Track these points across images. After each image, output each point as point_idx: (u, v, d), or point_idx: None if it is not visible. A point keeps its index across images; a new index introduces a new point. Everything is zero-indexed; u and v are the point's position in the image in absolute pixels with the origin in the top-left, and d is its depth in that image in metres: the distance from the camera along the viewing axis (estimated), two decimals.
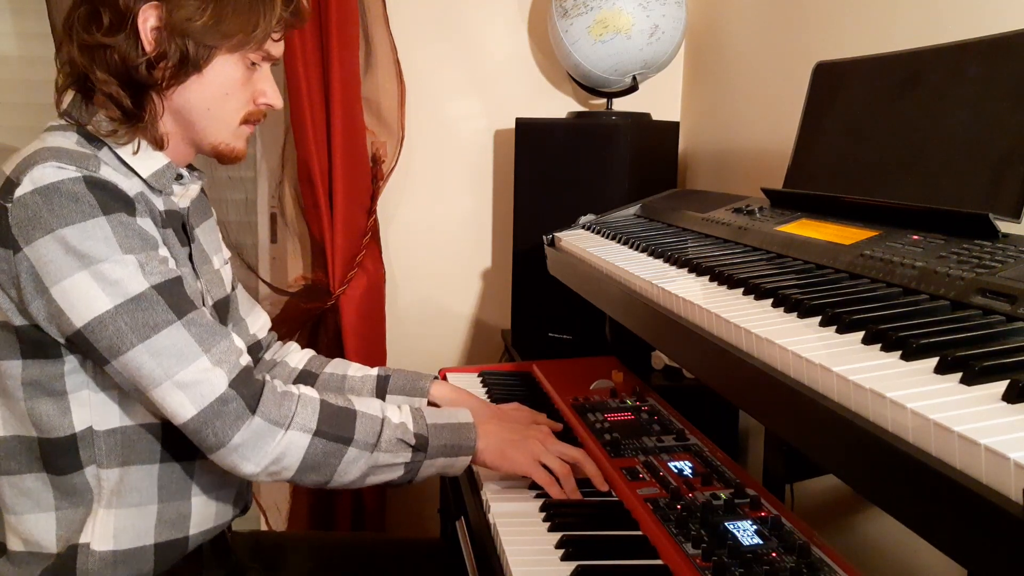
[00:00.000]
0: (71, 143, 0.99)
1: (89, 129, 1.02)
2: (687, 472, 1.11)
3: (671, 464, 1.14)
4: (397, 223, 2.17)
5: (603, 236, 1.42)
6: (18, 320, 0.97)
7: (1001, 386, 0.53)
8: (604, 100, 2.03)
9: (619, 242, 1.32)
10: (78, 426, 1.01)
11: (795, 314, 0.77)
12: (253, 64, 1.07)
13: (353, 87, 1.93)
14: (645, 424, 1.29)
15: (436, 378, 1.34)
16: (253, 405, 0.97)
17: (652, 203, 1.58)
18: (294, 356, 1.36)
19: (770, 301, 0.82)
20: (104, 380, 1.01)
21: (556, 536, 0.96)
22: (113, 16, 0.99)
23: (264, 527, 2.14)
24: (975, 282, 0.71)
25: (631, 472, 1.11)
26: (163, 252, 1.00)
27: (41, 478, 1.03)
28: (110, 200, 0.95)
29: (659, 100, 2.13)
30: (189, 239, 1.14)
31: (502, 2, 2.14)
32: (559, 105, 2.17)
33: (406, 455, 1.05)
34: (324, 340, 2.03)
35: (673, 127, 2.01)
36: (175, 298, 0.97)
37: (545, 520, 1.01)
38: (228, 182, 2.07)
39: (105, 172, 0.97)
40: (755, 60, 1.80)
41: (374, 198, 2.01)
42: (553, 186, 1.89)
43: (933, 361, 0.59)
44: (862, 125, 1.09)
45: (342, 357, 1.43)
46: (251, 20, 1.03)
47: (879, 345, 0.65)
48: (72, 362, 0.99)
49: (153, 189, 1.06)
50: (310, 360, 1.35)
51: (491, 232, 2.23)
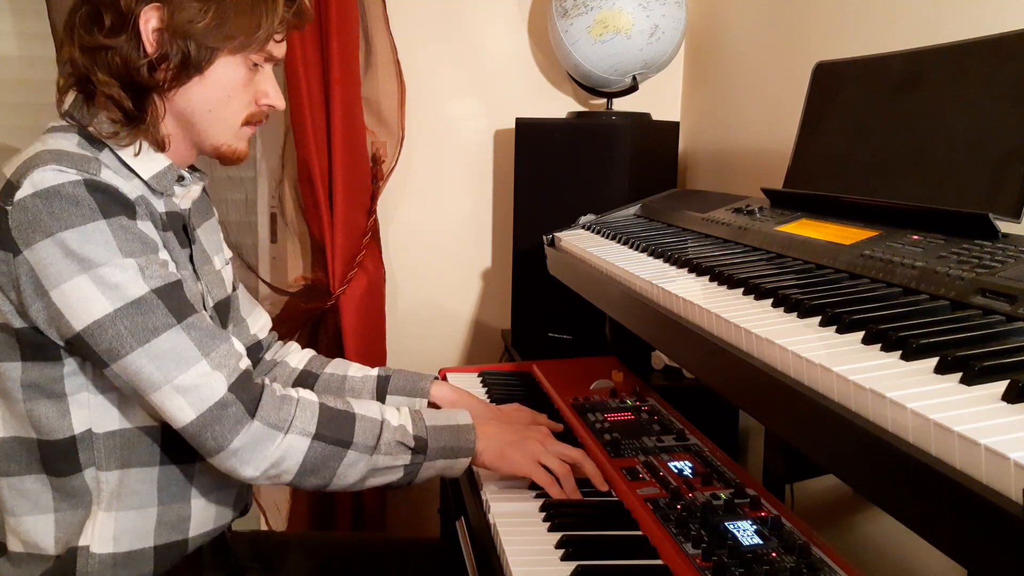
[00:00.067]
0: (72, 145, 0.99)
1: (90, 131, 1.01)
2: (687, 472, 1.11)
3: (671, 464, 1.14)
4: (397, 223, 2.17)
5: (603, 236, 1.42)
6: (18, 323, 0.97)
7: (1001, 386, 0.53)
8: (604, 100, 2.03)
9: (619, 242, 1.32)
10: (77, 428, 1.01)
11: (795, 314, 0.77)
12: (255, 65, 1.06)
13: (353, 87, 1.93)
14: (645, 424, 1.29)
15: (436, 378, 1.34)
16: (252, 409, 0.97)
17: (652, 203, 1.58)
18: (294, 356, 1.36)
19: (770, 301, 0.82)
20: (104, 383, 1.00)
21: (556, 536, 0.96)
22: (114, 17, 0.98)
23: (264, 527, 2.14)
24: (975, 282, 0.71)
25: (631, 472, 1.11)
26: (163, 255, 1.00)
27: (41, 480, 1.03)
28: (110, 203, 0.95)
29: (659, 100, 2.13)
30: (190, 240, 1.13)
31: (502, 2, 2.14)
32: (559, 105, 2.17)
33: (405, 457, 1.05)
34: (324, 340, 2.03)
35: (673, 127, 2.01)
36: (175, 302, 0.97)
37: (545, 520, 1.01)
38: (228, 182, 2.07)
39: (106, 175, 0.97)
40: (755, 60, 1.80)
41: (374, 198, 2.01)
42: (553, 186, 1.89)
43: (933, 361, 0.59)
44: (862, 125, 1.09)
45: (342, 357, 1.43)
46: (253, 21, 1.02)
47: (879, 345, 0.65)
48: (72, 364, 0.99)
49: (154, 191, 1.06)
50: (310, 360, 1.35)
51: (491, 232, 2.23)
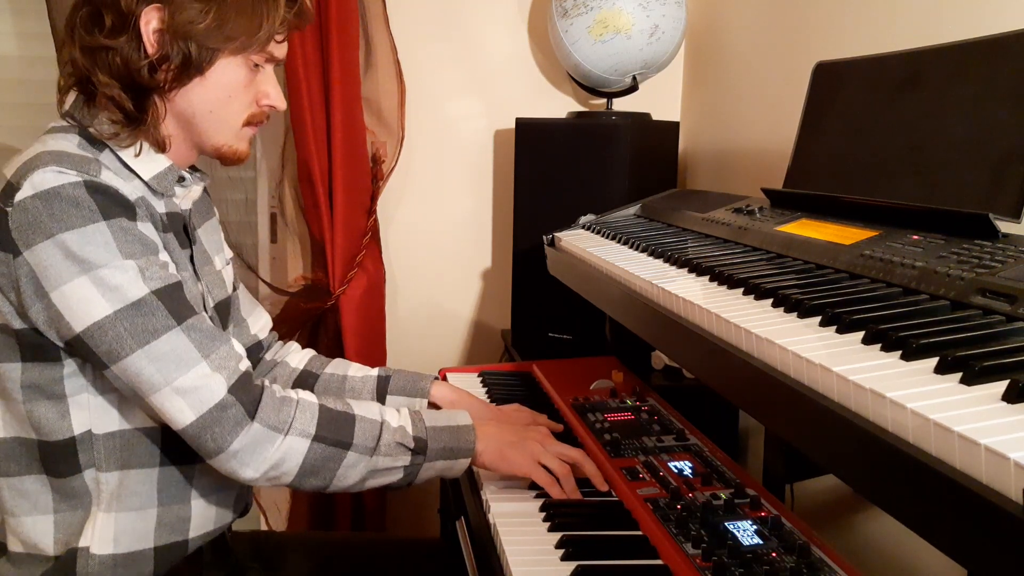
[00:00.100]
0: (72, 146, 0.99)
1: (91, 131, 1.01)
2: (687, 472, 1.11)
3: (671, 464, 1.14)
4: (397, 223, 2.17)
5: (603, 236, 1.42)
6: (17, 324, 0.97)
7: (1001, 386, 0.53)
8: (604, 100, 2.03)
9: (619, 242, 1.32)
10: (77, 429, 1.01)
11: (795, 314, 0.77)
12: (256, 66, 1.06)
13: (353, 87, 1.93)
14: (645, 424, 1.29)
15: (436, 379, 1.34)
16: (252, 411, 0.97)
17: (652, 203, 1.58)
18: (294, 356, 1.36)
19: (770, 301, 0.82)
20: (103, 384, 1.00)
21: (556, 536, 0.96)
22: (115, 18, 0.98)
23: (264, 527, 2.14)
24: (975, 282, 0.71)
25: (631, 472, 1.11)
26: (163, 257, 1.00)
27: (40, 480, 1.03)
28: (111, 205, 0.95)
29: (659, 100, 2.12)
30: (191, 241, 1.13)
31: (502, 2, 2.14)
32: (559, 105, 2.17)
33: (405, 458, 1.05)
34: (324, 340, 2.03)
35: (673, 127, 2.01)
36: (175, 303, 0.97)
37: (545, 520, 1.01)
38: (228, 182, 2.07)
39: (106, 176, 0.97)
40: (755, 60, 1.80)
41: (374, 198, 2.01)
42: (553, 186, 1.89)
43: (933, 361, 0.59)
44: (862, 125, 1.09)
45: (342, 357, 1.43)
46: (254, 22, 1.01)
47: (879, 345, 0.65)
48: (71, 366, 0.99)
49: (155, 191, 1.06)
50: (310, 360, 1.35)
51: (491, 232, 2.23)
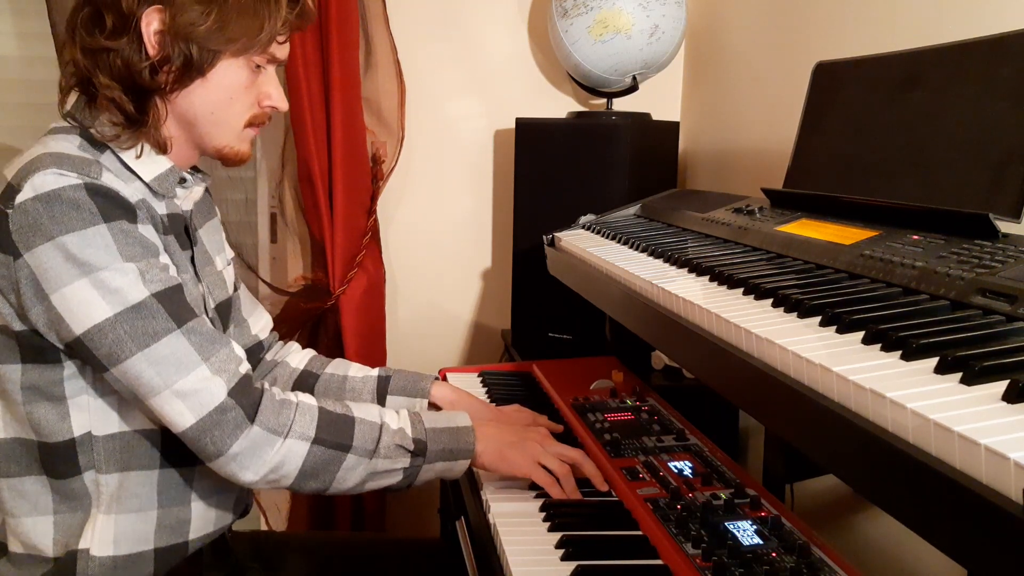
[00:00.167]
0: (73, 147, 0.99)
1: (92, 132, 1.01)
2: (687, 472, 1.11)
3: (671, 464, 1.14)
4: (397, 223, 2.17)
5: (603, 236, 1.42)
6: (17, 325, 0.97)
7: (1001, 386, 0.53)
8: (604, 100, 2.03)
9: (619, 242, 1.32)
10: (77, 431, 1.01)
11: (795, 314, 0.77)
12: (258, 67, 1.06)
13: (353, 87, 1.93)
14: (645, 424, 1.29)
15: (437, 379, 1.34)
16: (252, 414, 0.97)
17: (652, 203, 1.58)
18: (295, 356, 1.36)
19: (770, 301, 0.82)
20: (103, 386, 1.00)
21: (556, 536, 0.96)
22: (116, 19, 0.98)
23: (264, 527, 2.14)
24: (975, 282, 0.71)
25: (631, 472, 1.11)
26: (164, 259, 0.99)
27: (40, 481, 1.03)
28: (111, 207, 0.95)
29: (659, 100, 2.13)
30: (191, 242, 1.13)
31: (502, 2, 2.14)
32: (559, 105, 2.17)
33: (405, 460, 1.05)
34: (324, 340, 2.03)
35: (673, 127, 2.01)
36: (175, 306, 0.97)
37: (545, 520, 1.01)
38: (228, 182, 2.07)
39: (107, 178, 0.96)
40: (755, 60, 1.80)
41: (374, 198, 2.01)
42: (553, 186, 1.89)
43: (933, 361, 0.59)
44: (862, 125, 1.09)
45: (342, 357, 1.43)
46: (256, 23, 1.01)
47: (879, 345, 0.65)
48: (71, 367, 0.99)
49: (156, 193, 1.05)
50: (311, 360, 1.35)
51: (491, 232, 2.23)
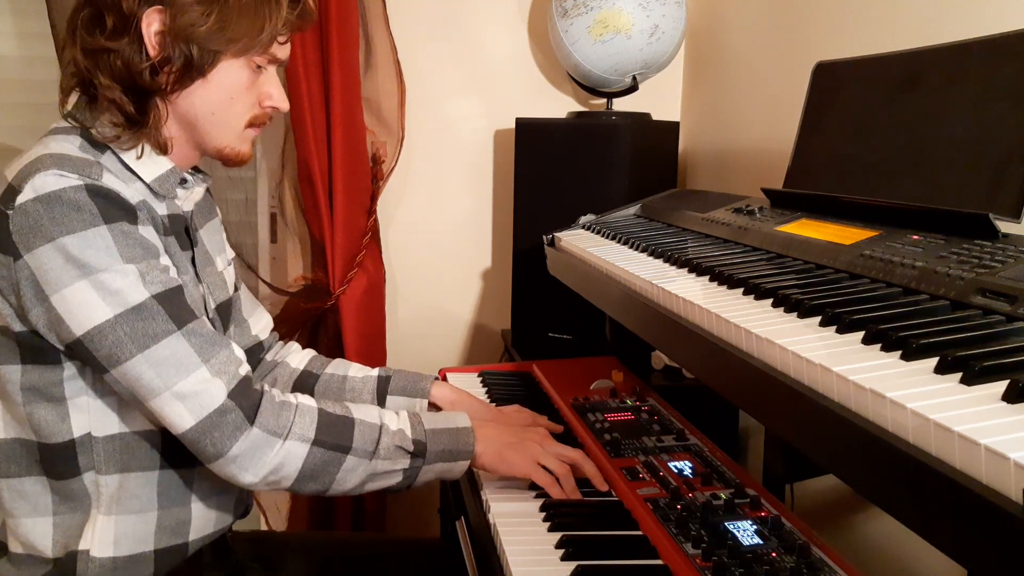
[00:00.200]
0: (74, 148, 0.99)
1: (93, 133, 1.01)
2: (687, 472, 1.11)
3: (671, 464, 1.14)
4: (397, 223, 2.17)
5: (603, 236, 1.42)
6: (17, 326, 0.97)
7: (1001, 386, 0.53)
8: (604, 100, 2.03)
9: (619, 242, 1.32)
10: (77, 432, 1.01)
11: (795, 314, 0.77)
12: (258, 67, 1.06)
13: (353, 87, 1.93)
14: (645, 424, 1.29)
15: (437, 379, 1.34)
16: (251, 416, 0.97)
17: (652, 203, 1.58)
18: (295, 356, 1.35)
19: (770, 301, 0.82)
20: (103, 387, 1.00)
21: (556, 536, 0.96)
22: (117, 20, 0.97)
23: (264, 527, 2.14)
24: (975, 282, 0.71)
25: (631, 472, 1.11)
26: (164, 261, 0.99)
27: (40, 482, 1.03)
28: (112, 209, 0.94)
29: (659, 100, 2.13)
30: (192, 242, 1.13)
31: (502, 2, 2.14)
32: (559, 105, 2.17)
33: (404, 461, 1.05)
34: (324, 340, 2.03)
35: (673, 127, 2.01)
36: (175, 308, 0.96)
37: (545, 520, 1.01)
38: (228, 182, 2.07)
39: (107, 179, 0.96)
40: (755, 60, 1.80)
41: (374, 198, 2.01)
42: (553, 186, 1.89)
43: (933, 361, 0.59)
44: (862, 125, 1.09)
45: (342, 357, 1.43)
46: (256, 24, 1.01)
47: (879, 345, 0.65)
48: (71, 368, 0.99)
49: (156, 193, 1.05)
50: (311, 360, 1.35)
51: (491, 232, 2.23)
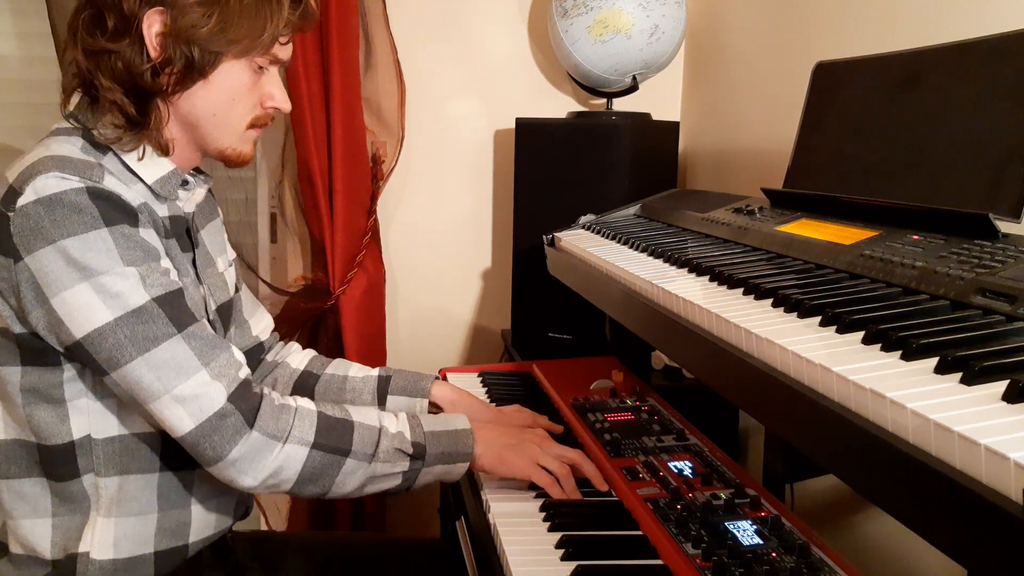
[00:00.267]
0: (76, 150, 0.98)
1: (95, 134, 1.01)
2: (687, 472, 1.11)
3: (671, 464, 1.14)
4: (397, 223, 2.17)
5: (603, 236, 1.42)
6: (17, 328, 0.97)
7: (1001, 386, 0.53)
8: (604, 100, 2.03)
9: (619, 242, 1.32)
10: (76, 434, 1.01)
11: (795, 314, 0.77)
12: (260, 68, 1.05)
13: (353, 87, 1.93)
14: (645, 424, 1.29)
15: (437, 378, 1.34)
16: (251, 419, 0.97)
17: (652, 203, 1.58)
18: (295, 357, 1.35)
19: (770, 301, 0.82)
20: (103, 389, 1.00)
21: (556, 536, 0.96)
22: (117, 21, 0.97)
23: (264, 527, 2.14)
24: (975, 282, 0.71)
25: (631, 472, 1.11)
26: (165, 264, 0.99)
27: (40, 483, 1.02)
28: (113, 211, 0.94)
29: (659, 100, 2.13)
30: (193, 243, 1.13)
31: (502, 2, 2.14)
32: (559, 105, 2.17)
33: (404, 464, 1.05)
34: (324, 340, 2.03)
35: (673, 127, 2.01)
36: (176, 311, 0.96)
37: (545, 520, 1.01)
38: (228, 182, 2.07)
39: (109, 182, 0.96)
40: (755, 60, 1.80)
41: (374, 198, 2.01)
42: (553, 186, 1.89)
43: (933, 361, 0.59)
44: (862, 125, 1.09)
45: (342, 357, 1.42)
46: (258, 25, 1.01)
47: (879, 345, 0.65)
48: (71, 370, 0.99)
49: (158, 195, 1.05)
50: (311, 361, 1.35)
51: (491, 232, 2.23)
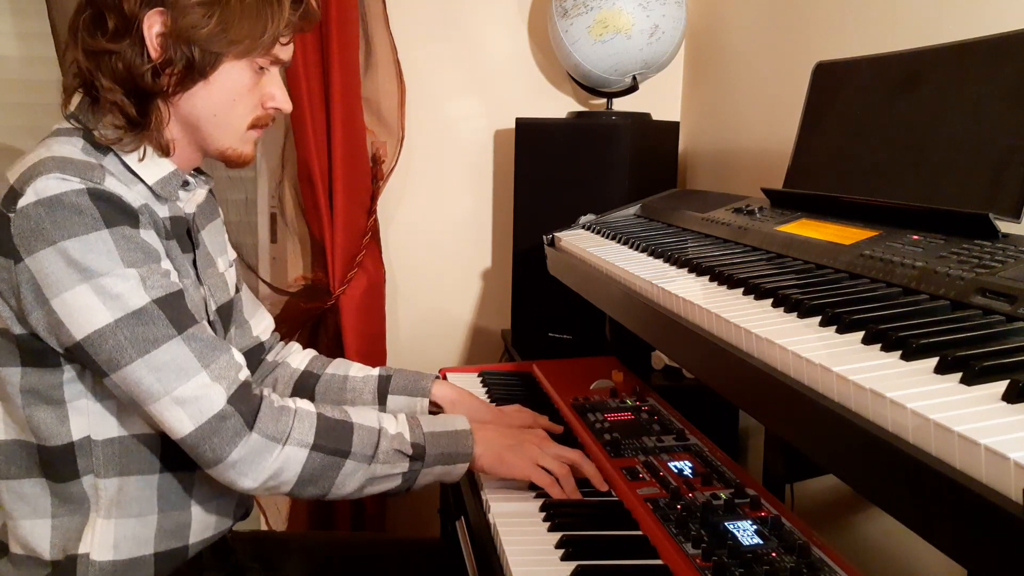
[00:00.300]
0: (76, 151, 0.98)
1: (95, 135, 1.00)
2: (687, 472, 1.11)
3: (671, 464, 1.14)
4: (397, 223, 2.17)
5: (603, 236, 1.42)
6: (17, 329, 0.97)
7: (1001, 386, 0.53)
8: (604, 100, 2.03)
9: (619, 242, 1.32)
10: (76, 435, 1.01)
11: (795, 314, 0.77)
12: (261, 68, 1.05)
13: (353, 87, 1.93)
14: (645, 424, 1.29)
15: (437, 377, 1.33)
16: (251, 421, 0.97)
17: (652, 203, 1.58)
18: (296, 357, 1.35)
19: (770, 301, 0.82)
20: (102, 390, 1.00)
21: (556, 536, 0.96)
22: (118, 21, 0.97)
23: (264, 527, 2.14)
24: (975, 282, 0.71)
25: (631, 472, 1.11)
26: (165, 265, 0.99)
27: (40, 484, 1.02)
28: (113, 213, 0.94)
29: (659, 100, 2.13)
30: (193, 244, 1.12)
31: (502, 2, 2.14)
32: (559, 105, 2.17)
33: (403, 465, 1.05)
34: (324, 340, 2.03)
35: (673, 127, 2.01)
36: (176, 312, 0.96)
37: (545, 520, 1.01)
38: (228, 182, 2.07)
39: (110, 183, 0.96)
40: (755, 60, 1.80)
41: (374, 198, 2.01)
42: (553, 186, 1.89)
43: (933, 361, 0.59)
44: (862, 125, 1.09)
45: (342, 357, 1.42)
46: (258, 26, 1.00)
47: (879, 345, 0.65)
48: (71, 371, 0.99)
49: (158, 196, 1.05)
50: (312, 360, 1.35)
51: (491, 232, 2.23)
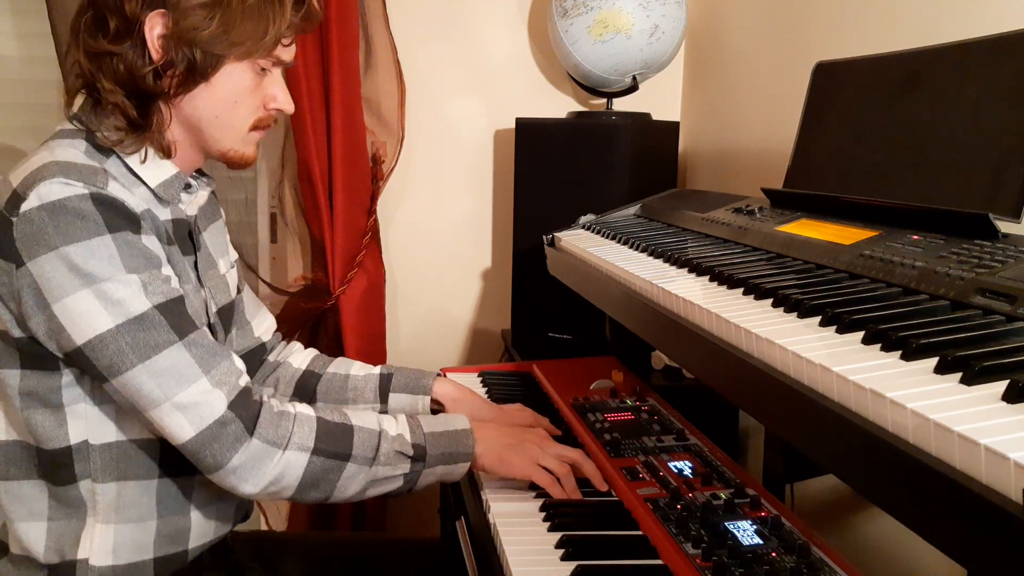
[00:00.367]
0: (79, 154, 0.98)
1: (98, 137, 1.00)
2: (687, 472, 1.11)
3: (671, 464, 1.14)
4: (397, 223, 2.17)
5: (603, 236, 1.42)
6: (17, 332, 0.97)
7: (1001, 386, 0.53)
8: (604, 100, 2.03)
9: (619, 242, 1.32)
10: (74, 439, 1.00)
11: (795, 314, 0.77)
12: (263, 70, 1.05)
13: (353, 87, 1.93)
14: (645, 424, 1.29)
15: (439, 375, 1.33)
16: (251, 427, 0.97)
17: (652, 203, 1.58)
18: (297, 356, 1.35)
19: (770, 301, 0.82)
20: (101, 394, 1.00)
21: (556, 536, 0.96)
22: (119, 23, 0.97)
23: (264, 527, 2.14)
24: (975, 282, 0.71)
25: (631, 472, 1.11)
26: (166, 271, 0.99)
27: (39, 486, 1.02)
28: (116, 218, 0.94)
29: (659, 100, 2.13)
30: (195, 246, 1.12)
31: (502, 2, 2.14)
32: (559, 105, 2.17)
33: (405, 466, 1.05)
34: (324, 340, 2.03)
35: (673, 127, 2.01)
36: (177, 318, 0.96)
37: (545, 520, 1.01)
38: (228, 182, 2.07)
39: (113, 188, 0.96)
40: (755, 60, 1.80)
41: (374, 198, 2.01)
42: (553, 186, 1.89)
43: (933, 361, 0.59)
44: (862, 125, 1.09)
45: (342, 357, 1.42)
46: (260, 27, 1.00)
47: (879, 345, 0.65)
48: (70, 375, 0.99)
49: (161, 199, 1.05)
50: (313, 360, 1.35)
51: (491, 232, 2.23)
